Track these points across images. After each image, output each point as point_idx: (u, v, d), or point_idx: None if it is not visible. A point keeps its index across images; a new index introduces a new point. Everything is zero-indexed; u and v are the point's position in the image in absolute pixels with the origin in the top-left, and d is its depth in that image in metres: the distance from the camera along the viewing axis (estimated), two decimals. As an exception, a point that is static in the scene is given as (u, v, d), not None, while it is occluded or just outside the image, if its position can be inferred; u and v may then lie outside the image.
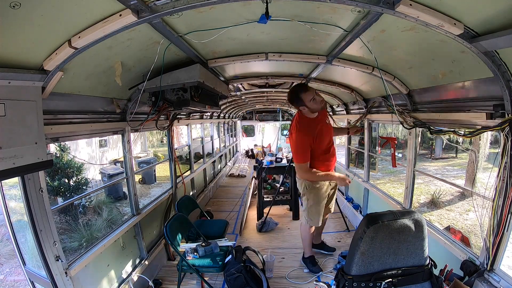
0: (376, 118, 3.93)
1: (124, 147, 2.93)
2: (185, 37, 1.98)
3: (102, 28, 1.43)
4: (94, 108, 2.39)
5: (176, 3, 1.39)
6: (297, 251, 3.56)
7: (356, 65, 2.59)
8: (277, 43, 2.37)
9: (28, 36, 1.36)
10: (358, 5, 1.38)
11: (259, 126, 13.55)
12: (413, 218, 1.21)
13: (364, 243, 1.19)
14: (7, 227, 1.92)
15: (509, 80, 1.58)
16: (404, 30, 1.71)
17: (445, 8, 1.34)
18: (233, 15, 1.72)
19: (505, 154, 1.68)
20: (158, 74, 2.41)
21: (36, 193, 1.78)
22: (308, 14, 1.71)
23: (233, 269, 2.53)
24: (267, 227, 4.25)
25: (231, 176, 8.59)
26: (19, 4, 1.14)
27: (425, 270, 1.27)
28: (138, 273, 2.79)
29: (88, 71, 1.98)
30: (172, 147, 4.06)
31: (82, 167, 8.71)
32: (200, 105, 2.91)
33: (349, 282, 1.24)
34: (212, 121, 7.46)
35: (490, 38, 1.37)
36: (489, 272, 1.81)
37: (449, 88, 2.16)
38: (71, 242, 6.30)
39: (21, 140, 1.49)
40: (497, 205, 1.74)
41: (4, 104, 1.38)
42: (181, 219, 2.88)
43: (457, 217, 7.64)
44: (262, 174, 4.72)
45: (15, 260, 5.16)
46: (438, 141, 13.87)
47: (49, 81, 1.65)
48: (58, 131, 1.97)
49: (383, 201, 3.55)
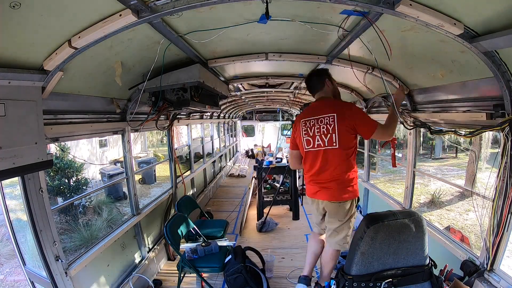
0: (376, 118, 3.89)
1: (124, 147, 2.93)
2: (185, 37, 1.98)
3: (102, 28, 1.43)
4: (94, 108, 2.39)
5: (176, 3, 1.39)
6: (297, 251, 3.56)
7: (356, 65, 2.59)
8: (277, 43, 2.37)
9: (28, 36, 1.36)
10: (358, 5, 1.38)
11: (259, 126, 13.55)
12: (413, 218, 1.21)
13: (364, 243, 1.19)
14: (7, 227, 1.92)
15: (509, 80, 1.57)
16: (404, 30, 1.70)
17: (445, 8, 1.34)
18: (233, 15, 1.72)
19: (505, 154, 1.68)
20: (158, 74, 2.41)
21: (36, 193, 1.78)
22: (308, 14, 1.71)
23: (233, 269, 2.53)
24: (267, 227, 4.25)
25: (231, 176, 8.59)
26: (19, 4, 1.14)
27: (425, 270, 1.27)
28: (138, 273, 2.79)
29: (88, 71, 1.98)
30: (172, 147, 4.06)
31: (82, 167, 8.72)
32: (200, 105, 2.91)
33: (349, 282, 1.24)
34: (212, 121, 7.45)
35: (490, 38, 1.37)
36: (489, 272, 1.80)
37: (449, 88, 2.15)
38: (71, 242, 6.30)
39: (21, 140, 1.49)
40: (497, 205, 1.74)
41: (4, 104, 1.38)
42: (181, 219, 2.88)
43: (457, 217, 7.65)
44: (262, 174, 4.72)
45: (15, 260, 5.16)
46: (438, 141, 13.87)
47: (49, 81, 1.65)
48: (58, 131, 1.97)
49: (383, 201, 3.55)
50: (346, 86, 3.79)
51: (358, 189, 2.25)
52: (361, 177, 4.41)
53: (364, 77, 2.71)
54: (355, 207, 2.27)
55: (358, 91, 3.77)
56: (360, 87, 3.63)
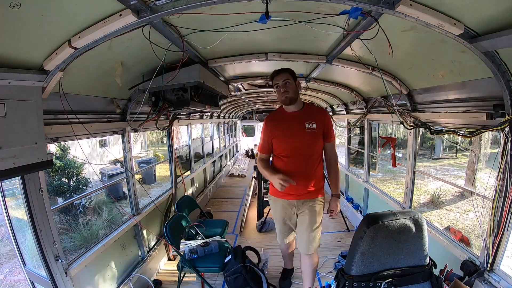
0: (376, 118, 3.93)
1: (124, 147, 2.93)
2: (185, 37, 1.98)
3: (102, 28, 1.43)
4: (94, 108, 2.39)
5: (176, 3, 1.39)
6: (297, 251, 3.55)
7: (356, 65, 2.59)
8: (277, 43, 2.37)
9: (28, 36, 1.36)
10: (358, 5, 1.38)
11: (259, 126, 13.56)
12: (413, 218, 1.21)
13: (364, 243, 1.19)
14: (7, 227, 1.92)
15: (509, 80, 1.58)
16: (404, 30, 1.71)
17: (445, 8, 1.34)
18: (233, 15, 1.72)
19: (505, 154, 1.68)
20: (158, 74, 2.41)
21: (36, 193, 1.78)
22: (308, 14, 1.71)
23: (233, 269, 2.53)
24: (267, 227, 4.25)
25: (231, 176, 8.59)
26: (19, 4, 1.14)
27: (425, 270, 1.27)
28: (138, 273, 2.79)
29: (88, 71, 1.98)
30: (172, 147, 4.06)
31: (82, 166, 8.71)
32: (200, 105, 2.91)
33: (349, 282, 1.24)
34: (212, 121, 7.45)
35: (490, 38, 1.37)
36: (489, 272, 1.81)
37: (449, 88, 2.16)
38: (71, 242, 6.30)
39: (21, 140, 1.49)
40: (497, 205, 1.74)
41: (4, 104, 1.38)
42: (181, 219, 2.88)
43: (457, 217, 7.64)
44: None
45: (15, 260, 5.16)
46: (438, 141, 13.88)
47: (49, 81, 1.65)
48: (58, 131, 1.97)
49: (383, 201, 3.55)
50: (346, 86, 3.79)
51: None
52: (361, 177, 4.41)
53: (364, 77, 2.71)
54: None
55: (358, 91, 3.78)
56: (360, 87, 3.64)
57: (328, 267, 3.19)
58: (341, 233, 4.07)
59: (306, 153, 2.14)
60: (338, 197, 2.30)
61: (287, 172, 2.07)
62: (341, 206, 4.45)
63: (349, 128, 5.11)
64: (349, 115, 4.86)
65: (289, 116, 2.20)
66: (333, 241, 3.81)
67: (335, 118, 5.65)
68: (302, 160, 2.15)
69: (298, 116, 2.17)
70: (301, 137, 2.13)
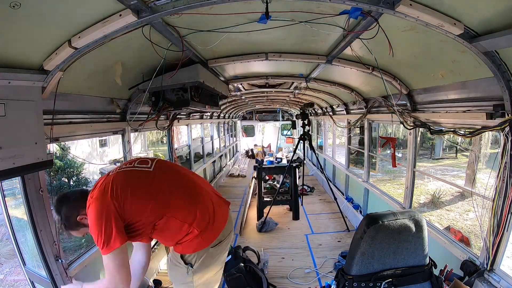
0: (376, 118, 3.93)
1: (124, 147, 2.92)
2: (185, 37, 1.98)
3: (102, 28, 1.43)
4: (94, 108, 2.38)
5: (176, 3, 1.39)
6: (297, 251, 3.56)
7: (356, 65, 2.59)
8: (277, 43, 2.37)
9: (28, 36, 1.36)
10: (358, 5, 1.38)
11: (259, 126, 13.56)
12: (413, 218, 1.21)
13: (364, 243, 1.19)
14: (7, 227, 1.92)
15: (509, 80, 1.58)
16: (404, 30, 1.71)
17: (445, 8, 1.34)
18: (233, 15, 1.72)
19: (505, 154, 1.68)
20: (158, 74, 2.41)
21: (36, 193, 1.77)
22: (308, 14, 1.71)
23: (233, 269, 2.53)
24: (267, 227, 4.25)
25: (231, 176, 8.59)
26: (19, 4, 1.14)
27: (425, 270, 1.27)
28: (138, 273, 2.78)
29: (88, 71, 1.98)
30: (172, 147, 4.06)
31: (82, 166, 8.72)
32: (200, 105, 2.90)
33: (349, 282, 1.24)
34: (212, 121, 7.45)
35: (490, 38, 1.37)
36: (489, 272, 1.80)
37: (449, 88, 2.16)
38: (71, 242, 6.29)
39: (21, 140, 1.48)
40: (497, 205, 1.74)
41: (4, 104, 1.38)
42: (181, 219, 2.88)
43: (457, 217, 7.64)
44: (262, 174, 4.71)
45: (15, 260, 5.16)
46: (438, 141, 13.88)
47: (49, 81, 1.65)
48: (58, 131, 1.96)
49: (383, 201, 3.55)
50: (346, 86, 3.79)
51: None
52: (361, 177, 4.41)
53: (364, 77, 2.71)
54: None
55: (358, 91, 3.78)
56: (360, 87, 3.64)
57: (328, 267, 3.19)
58: (341, 233, 4.07)
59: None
60: None
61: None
62: (341, 205, 4.48)
63: (349, 128, 5.11)
64: (349, 115, 4.86)
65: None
66: (333, 241, 3.81)
67: (335, 118, 5.65)
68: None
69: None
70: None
